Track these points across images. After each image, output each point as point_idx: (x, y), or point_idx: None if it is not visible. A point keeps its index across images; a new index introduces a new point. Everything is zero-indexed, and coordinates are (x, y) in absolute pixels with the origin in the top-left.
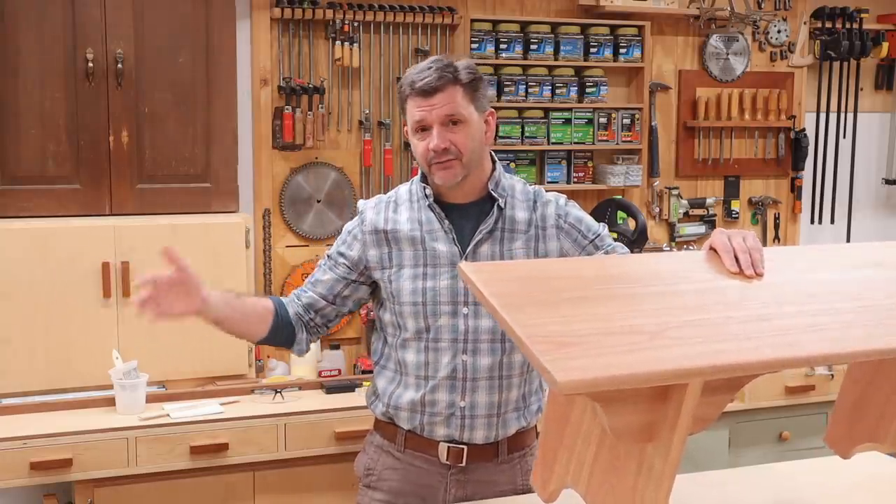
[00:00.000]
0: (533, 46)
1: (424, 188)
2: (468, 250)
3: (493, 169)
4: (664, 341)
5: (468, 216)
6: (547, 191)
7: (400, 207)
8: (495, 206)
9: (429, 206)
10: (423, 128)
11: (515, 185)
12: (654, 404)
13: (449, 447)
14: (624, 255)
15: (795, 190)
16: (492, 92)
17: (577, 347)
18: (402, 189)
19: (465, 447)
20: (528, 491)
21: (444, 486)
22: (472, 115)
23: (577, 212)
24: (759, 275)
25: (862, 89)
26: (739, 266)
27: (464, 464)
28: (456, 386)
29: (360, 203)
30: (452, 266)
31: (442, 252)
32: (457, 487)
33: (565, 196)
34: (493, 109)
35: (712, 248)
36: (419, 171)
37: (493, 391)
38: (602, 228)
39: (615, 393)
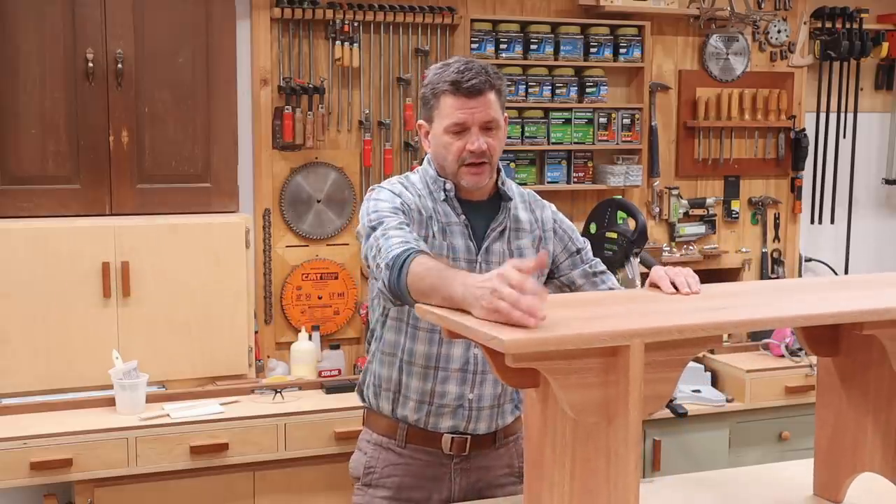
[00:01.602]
0: (533, 46)
1: (444, 182)
2: (482, 247)
3: (499, 170)
4: (609, 320)
5: (480, 213)
6: (545, 193)
7: (421, 198)
8: (505, 205)
9: (445, 199)
10: (461, 129)
11: (513, 187)
12: (604, 376)
13: (453, 438)
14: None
15: (795, 190)
16: None
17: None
18: (413, 178)
19: (468, 437)
20: (523, 472)
21: (448, 475)
22: (502, 121)
23: (568, 221)
24: (695, 293)
25: (862, 89)
26: (676, 288)
27: (466, 452)
28: (467, 378)
29: (382, 183)
30: (469, 262)
31: (458, 246)
32: (461, 476)
33: (553, 205)
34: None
35: (652, 284)
36: (426, 166)
37: (498, 383)
38: (586, 244)
39: (565, 364)
